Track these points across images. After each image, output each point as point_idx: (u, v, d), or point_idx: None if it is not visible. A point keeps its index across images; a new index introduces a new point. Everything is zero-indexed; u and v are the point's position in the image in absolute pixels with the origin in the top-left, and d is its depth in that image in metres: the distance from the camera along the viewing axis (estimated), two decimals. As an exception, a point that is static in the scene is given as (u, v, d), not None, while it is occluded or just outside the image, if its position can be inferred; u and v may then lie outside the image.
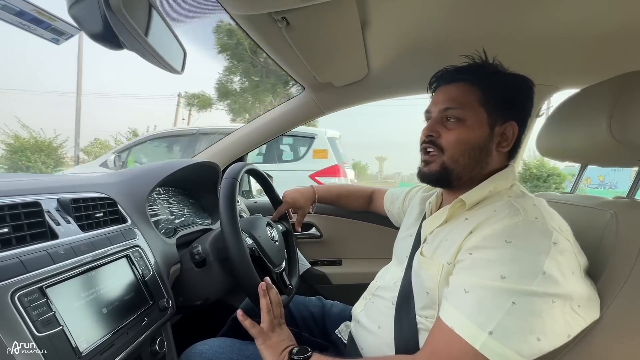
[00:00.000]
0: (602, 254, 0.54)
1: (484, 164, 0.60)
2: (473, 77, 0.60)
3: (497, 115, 0.59)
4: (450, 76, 0.63)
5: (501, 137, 0.60)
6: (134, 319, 0.55)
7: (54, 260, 0.46)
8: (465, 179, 0.60)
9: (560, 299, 0.44)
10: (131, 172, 0.82)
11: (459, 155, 0.59)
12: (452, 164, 0.59)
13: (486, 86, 0.59)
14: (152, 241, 0.69)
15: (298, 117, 1.26)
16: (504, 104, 0.59)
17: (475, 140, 0.58)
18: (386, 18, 0.78)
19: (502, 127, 0.59)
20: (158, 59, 0.54)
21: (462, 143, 0.58)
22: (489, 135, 0.59)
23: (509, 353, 0.43)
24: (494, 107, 0.59)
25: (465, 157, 0.59)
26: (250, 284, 0.67)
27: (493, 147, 0.59)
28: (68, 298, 0.46)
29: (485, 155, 0.59)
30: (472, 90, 0.59)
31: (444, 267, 0.54)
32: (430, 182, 0.64)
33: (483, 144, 0.59)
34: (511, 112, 0.60)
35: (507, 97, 0.59)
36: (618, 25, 0.72)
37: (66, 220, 0.54)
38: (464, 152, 0.59)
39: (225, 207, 0.68)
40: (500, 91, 0.59)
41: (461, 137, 0.58)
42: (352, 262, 1.35)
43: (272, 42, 0.79)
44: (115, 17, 0.43)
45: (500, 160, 0.62)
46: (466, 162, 0.59)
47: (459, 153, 0.59)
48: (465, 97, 0.59)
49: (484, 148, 0.59)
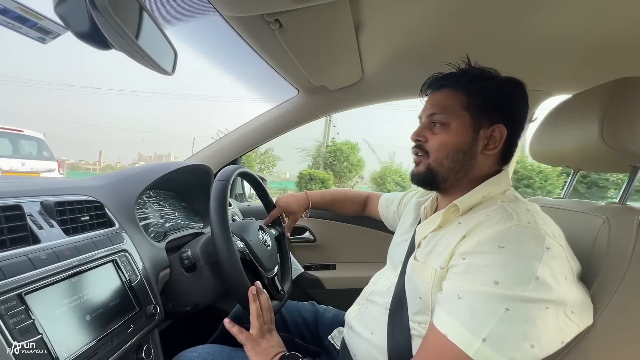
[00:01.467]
0: (594, 259, 0.54)
1: (469, 167, 0.60)
2: (455, 82, 0.62)
3: (483, 118, 0.59)
4: (435, 83, 0.65)
5: (489, 139, 0.60)
6: (119, 326, 0.53)
7: (35, 265, 0.44)
8: (452, 182, 0.61)
9: (553, 305, 0.44)
10: (120, 174, 0.80)
11: (443, 158, 0.60)
12: (437, 166, 0.61)
13: (470, 90, 0.60)
14: (140, 245, 0.67)
15: (292, 120, 1.26)
16: (489, 107, 0.59)
17: (458, 143, 0.59)
18: (380, 22, 0.78)
19: (489, 130, 0.59)
20: (147, 60, 0.53)
21: (445, 146, 0.60)
22: (472, 138, 0.59)
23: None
24: (479, 110, 0.59)
25: (449, 160, 0.60)
26: (240, 288, 0.66)
27: (478, 150, 0.60)
28: (49, 305, 0.44)
29: (469, 158, 0.60)
30: (456, 95, 0.61)
31: (436, 272, 0.54)
32: (418, 183, 0.65)
33: (466, 147, 0.59)
34: (498, 115, 0.59)
35: (493, 100, 0.59)
36: (610, 32, 0.73)
37: (49, 224, 0.52)
38: (447, 155, 0.60)
39: (215, 210, 0.67)
40: (485, 95, 0.59)
41: (444, 140, 0.60)
42: (346, 266, 1.34)
43: (266, 45, 0.79)
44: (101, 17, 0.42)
45: (490, 164, 0.62)
46: (450, 165, 0.60)
47: (442, 156, 0.60)
48: (449, 102, 0.61)
49: (468, 151, 0.60)
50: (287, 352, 0.63)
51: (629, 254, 0.50)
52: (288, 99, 1.22)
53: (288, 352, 0.62)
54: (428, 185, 0.65)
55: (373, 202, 1.08)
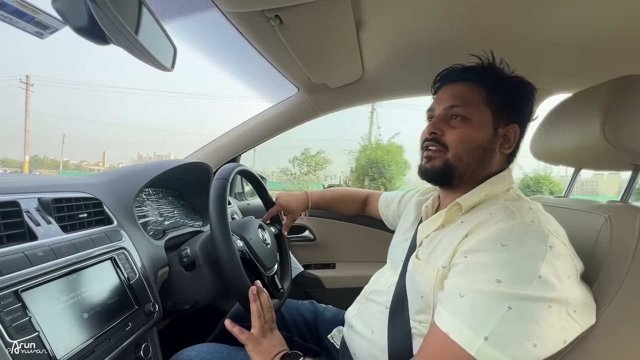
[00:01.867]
0: (596, 258, 0.53)
1: (486, 164, 0.60)
2: (479, 77, 0.60)
3: (501, 116, 0.59)
4: (456, 75, 0.63)
5: (504, 138, 0.60)
6: (117, 324, 0.52)
7: (32, 262, 0.44)
8: (467, 178, 0.60)
9: (556, 304, 0.43)
10: (119, 172, 0.80)
11: (463, 154, 0.58)
12: (456, 161, 0.59)
13: (491, 87, 0.59)
14: (139, 243, 0.67)
15: (292, 118, 1.25)
16: (507, 105, 0.59)
17: (480, 139, 0.58)
18: (381, 19, 0.78)
19: (505, 129, 0.59)
20: (147, 56, 0.52)
21: (466, 141, 0.58)
22: (493, 135, 0.59)
23: (505, 359, 0.42)
24: (499, 108, 0.59)
25: (469, 155, 0.58)
26: (240, 287, 0.66)
27: (496, 147, 0.60)
28: (46, 302, 0.44)
29: (489, 156, 0.59)
30: (478, 90, 0.59)
31: (439, 271, 0.53)
32: (431, 179, 0.63)
33: (487, 144, 0.59)
34: (514, 114, 0.60)
35: (511, 99, 0.60)
36: (611, 30, 0.73)
37: (47, 221, 0.52)
38: (469, 150, 0.58)
39: (215, 209, 0.67)
40: (504, 93, 0.59)
41: (466, 135, 0.58)
42: (346, 265, 1.34)
43: (266, 41, 0.78)
44: (100, 11, 0.42)
45: (500, 162, 0.62)
46: (470, 161, 0.59)
47: (463, 151, 0.58)
48: (471, 96, 0.59)
49: (488, 148, 0.59)
50: (289, 350, 0.62)
51: (631, 253, 0.49)
52: (288, 97, 1.22)
53: (290, 351, 0.62)
54: (442, 181, 0.63)
55: (373, 201, 1.08)
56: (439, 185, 0.65)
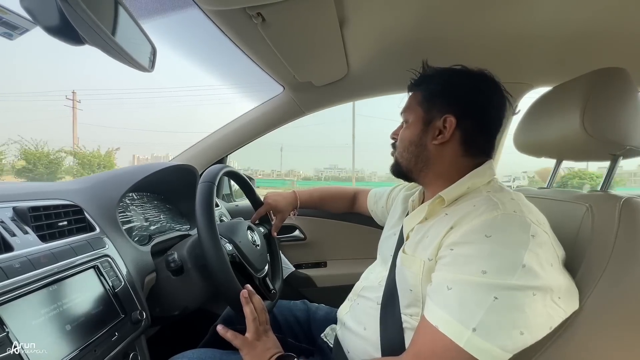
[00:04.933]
0: (579, 246, 0.55)
1: (424, 157, 0.64)
2: (415, 85, 0.68)
3: (433, 111, 0.62)
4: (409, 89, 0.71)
5: (438, 131, 0.62)
6: (102, 334, 0.51)
7: (8, 275, 0.42)
8: (416, 172, 0.66)
9: (540, 292, 0.44)
10: (100, 177, 0.77)
11: (402, 151, 0.66)
12: (399, 158, 0.67)
13: (425, 88, 0.65)
14: (123, 250, 0.65)
15: (278, 117, 1.24)
16: (440, 100, 0.62)
17: (411, 136, 0.65)
18: (364, 16, 0.78)
19: (441, 121, 0.61)
20: (124, 56, 0.50)
21: (403, 140, 0.66)
22: (422, 130, 0.63)
23: (493, 349, 0.42)
24: (429, 104, 0.63)
25: (406, 152, 0.66)
26: (231, 291, 0.65)
27: (427, 141, 0.63)
28: (25, 316, 0.42)
29: (421, 149, 0.63)
30: (415, 95, 0.67)
31: (425, 264, 0.54)
32: (393, 174, 0.71)
33: (416, 139, 0.64)
34: (448, 107, 0.61)
35: (442, 93, 0.63)
36: (589, 24, 0.75)
37: (23, 231, 0.49)
38: (405, 148, 0.66)
39: (201, 213, 0.65)
40: (433, 89, 0.64)
41: (404, 135, 0.66)
42: (337, 263, 1.34)
43: (249, 40, 0.77)
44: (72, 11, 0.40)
45: (450, 154, 0.62)
46: (407, 157, 0.66)
47: (402, 149, 0.66)
48: (410, 102, 0.67)
49: (417, 142, 0.64)
50: (283, 352, 0.62)
51: (612, 240, 0.51)
52: (274, 96, 1.20)
53: (284, 353, 0.61)
54: (399, 176, 0.70)
55: (362, 197, 1.08)
56: (399, 178, 0.72)
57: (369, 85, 1.18)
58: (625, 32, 0.78)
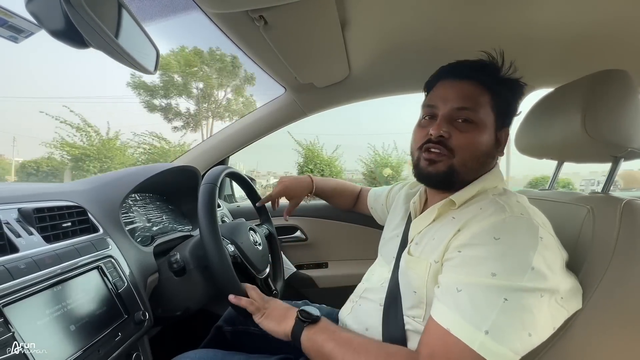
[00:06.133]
0: (580, 248, 0.55)
1: (483, 169, 0.60)
2: (488, 78, 0.57)
3: (501, 120, 0.60)
4: (466, 71, 0.58)
5: (498, 142, 0.61)
6: (106, 334, 0.51)
7: (13, 275, 0.42)
8: (465, 182, 0.59)
9: (547, 293, 0.45)
10: (103, 178, 0.78)
11: (469, 159, 0.56)
12: (461, 167, 0.56)
13: (496, 90, 0.58)
14: (126, 250, 0.65)
15: (280, 119, 1.25)
16: (507, 110, 0.60)
17: (485, 145, 0.57)
18: (366, 18, 0.78)
19: (501, 133, 0.60)
20: (128, 58, 0.51)
21: (474, 147, 0.56)
22: (494, 140, 0.59)
23: (505, 351, 0.42)
24: (500, 112, 0.59)
25: (474, 161, 0.57)
26: (232, 293, 0.65)
27: (495, 152, 0.60)
28: (30, 316, 0.42)
29: (490, 160, 0.60)
30: (485, 92, 0.57)
31: (431, 266, 0.54)
32: (433, 183, 0.61)
33: (490, 150, 0.58)
34: (509, 118, 0.61)
35: (510, 103, 0.61)
36: (591, 26, 0.75)
37: (28, 232, 0.50)
38: (475, 156, 0.57)
39: (204, 215, 0.66)
40: (507, 97, 0.59)
41: (475, 141, 0.56)
42: (338, 264, 1.34)
43: (251, 42, 0.77)
44: (77, 14, 0.40)
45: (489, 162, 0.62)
46: (473, 167, 0.57)
47: (469, 157, 0.56)
48: (481, 99, 0.57)
49: (490, 153, 0.59)
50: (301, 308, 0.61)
51: (613, 243, 0.51)
52: (275, 98, 1.21)
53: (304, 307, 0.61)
54: (443, 186, 0.60)
55: (363, 196, 1.08)
56: (438, 189, 0.62)
57: (371, 87, 1.18)
58: (627, 34, 0.78)
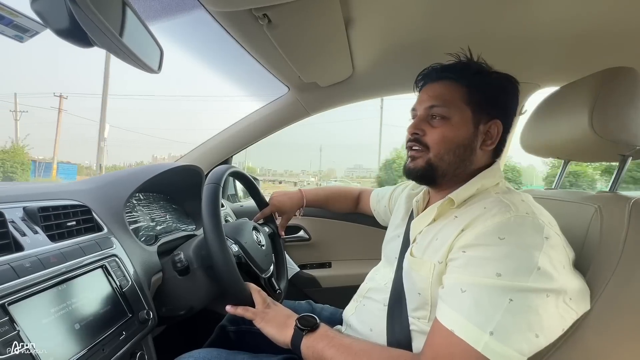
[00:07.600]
0: (588, 248, 0.54)
1: (468, 162, 0.60)
2: (458, 75, 0.60)
3: (482, 113, 0.59)
4: (435, 74, 0.63)
5: (485, 135, 0.60)
6: (110, 333, 0.51)
7: (19, 274, 0.42)
8: (450, 176, 0.61)
9: (553, 294, 0.44)
10: (107, 177, 0.78)
11: (444, 153, 0.59)
12: (437, 161, 0.60)
13: (471, 84, 0.60)
14: (130, 250, 0.65)
15: (283, 118, 1.25)
16: (488, 102, 0.60)
17: (460, 138, 0.59)
18: (370, 17, 0.77)
19: (487, 126, 0.60)
20: (132, 58, 0.51)
21: (447, 141, 0.59)
22: (473, 133, 0.59)
23: (511, 352, 0.42)
24: (479, 105, 0.59)
25: (450, 154, 0.59)
26: (237, 292, 0.65)
27: (477, 145, 0.60)
28: (35, 315, 0.42)
29: (469, 154, 0.60)
30: (457, 89, 0.60)
31: (435, 267, 0.53)
32: (415, 178, 0.64)
33: (467, 142, 0.59)
34: (495, 110, 0.60)
35: (491, 95, 0.60)
36: (596, 23, 0.74)
37: (33, 231, 0.50)
38: (449, 150, 0.59)
39: (208, 215, 0.65)
40: (484, 90, 0.60)
41: (446, 135, 0.59)
42: (342, 264, 1.34)
43: (254, 41, 0.77)
44: (82, 13, 0.40)
45: (485, 158, 0.62)
46: (451, 160, 0.59)
47: (444, 150, 0.59)
48: (450, 95, 0.60)
49: (469, 146, 0.60)
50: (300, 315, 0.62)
51: (622, 242, 0.50)
52: (278, 97, 1.21)
53: (303, 314, 0.62)
54: (426, 181, 0.64)
55: (365, 197, 1.08)
56: (423, 184, 0.67)
57: (374, 86, 1.17)
58: (634, 31, 0.77)
